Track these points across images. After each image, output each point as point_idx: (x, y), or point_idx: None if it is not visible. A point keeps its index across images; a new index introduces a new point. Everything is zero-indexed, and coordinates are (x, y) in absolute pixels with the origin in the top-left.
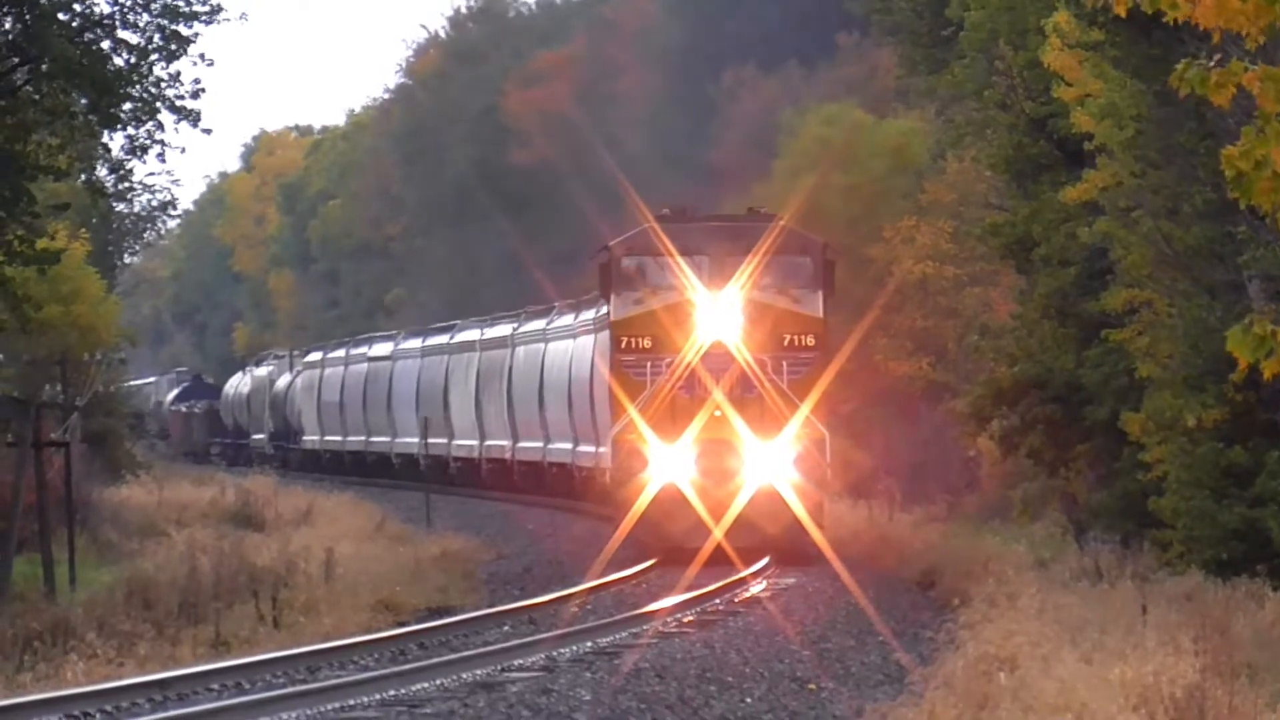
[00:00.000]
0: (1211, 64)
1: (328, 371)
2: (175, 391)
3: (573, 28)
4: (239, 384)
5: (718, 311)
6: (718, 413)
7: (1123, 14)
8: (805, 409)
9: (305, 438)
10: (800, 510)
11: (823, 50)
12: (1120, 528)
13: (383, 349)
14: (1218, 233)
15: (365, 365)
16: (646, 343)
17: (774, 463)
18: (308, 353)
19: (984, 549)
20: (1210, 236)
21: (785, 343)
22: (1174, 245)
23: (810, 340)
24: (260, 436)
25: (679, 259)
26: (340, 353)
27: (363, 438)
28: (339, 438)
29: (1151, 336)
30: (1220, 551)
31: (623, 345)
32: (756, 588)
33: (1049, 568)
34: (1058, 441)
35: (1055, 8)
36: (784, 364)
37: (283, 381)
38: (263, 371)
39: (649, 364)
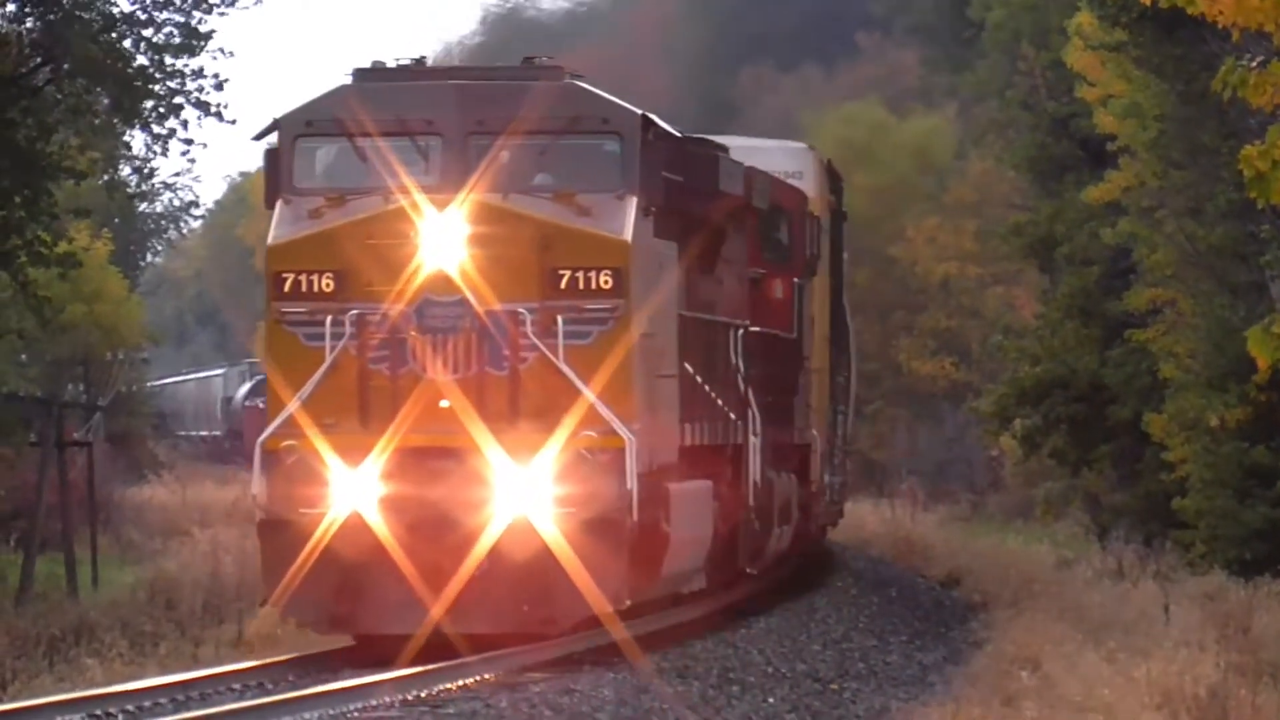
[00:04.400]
0: (1254, 65)
1: None
2: (249, 385)
3: (593, 29)
4: None
5: (447, 230)
6: (444, 403)
7: (1147, 3)
8: (591, 394)
9: None
10: (575, 565)
11: (843, 50)
12: (1143, 527)
13: None
14: (1241, 233)
15: None
16: (326, 283)
17: (532, 484)
18: None
19: (1007, 549)
20: (1233, 236)
21: (563, 283)
22: (1197, 245)
23: (606, 280)
24: None
25: (385, 141)
26: None
27: None
28: None
29: (1174, 336)
30: (1243, 551)
31: (285, 287)
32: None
33: (1072, 567)
34: (1080, 441)
35: (1078, 8)
36: (559, 319)
37: None
38: None
39: (329, 319)
